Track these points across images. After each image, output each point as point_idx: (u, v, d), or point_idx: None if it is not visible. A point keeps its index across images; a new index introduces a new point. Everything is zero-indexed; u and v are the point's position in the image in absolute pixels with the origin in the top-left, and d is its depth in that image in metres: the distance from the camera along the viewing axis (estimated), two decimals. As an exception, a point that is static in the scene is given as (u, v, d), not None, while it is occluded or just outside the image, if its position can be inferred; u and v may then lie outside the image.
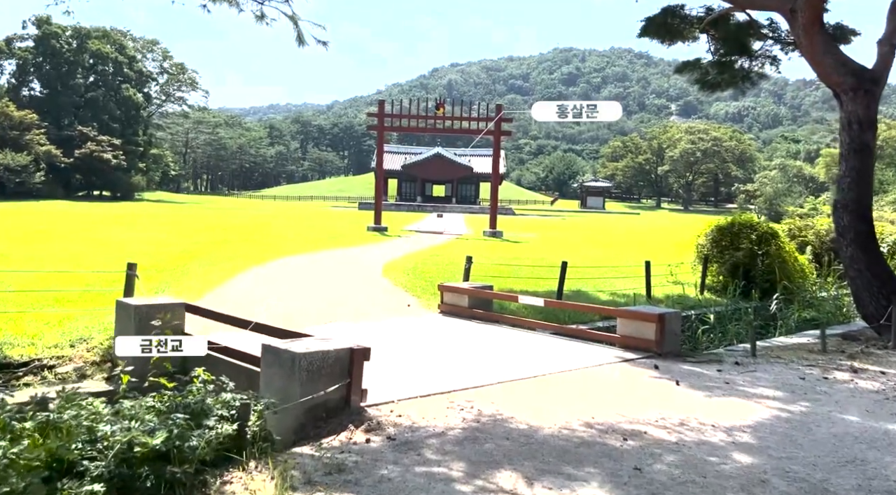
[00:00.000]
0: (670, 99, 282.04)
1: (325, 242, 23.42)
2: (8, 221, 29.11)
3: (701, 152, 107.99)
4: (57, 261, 14.64)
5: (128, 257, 16.47)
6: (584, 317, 10.94)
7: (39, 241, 19.53)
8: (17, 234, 22.12)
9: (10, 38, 66.07)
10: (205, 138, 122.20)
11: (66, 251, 16.90)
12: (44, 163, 58.96)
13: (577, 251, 23.68)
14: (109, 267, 12.03)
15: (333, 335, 8.44)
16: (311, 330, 8.79)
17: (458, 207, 69.81)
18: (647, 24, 16.82)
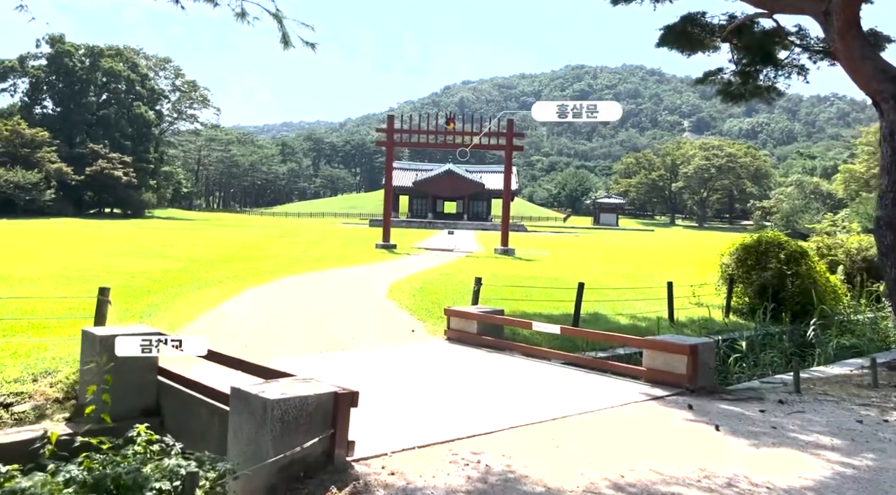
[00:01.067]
0: (683, 115, 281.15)
1: (331, 261, 22.65)
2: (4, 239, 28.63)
3: (715, 168, 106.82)
4: (41, 281, 13.92)
5: (123, 277, 15.83)
6: (604, 344, 10.06)
7: (28, 260, 18.88)
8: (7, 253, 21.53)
9: (24, 57, 66.43)
10: (217, 155, 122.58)
11: (52, 271, 16.20)
12: (55, 180, 58.88)
13: (593, 269, 22.75)
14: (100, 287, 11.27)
15: (323, 369, 7.64)
16: (301, 361, 7.99)
17: (470, 224, 69.09)
18: (666, 34, 16.03)
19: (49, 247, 24.75)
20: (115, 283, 14.53)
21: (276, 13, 6.11)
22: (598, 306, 13.98)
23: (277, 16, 6.14)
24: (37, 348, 8.06)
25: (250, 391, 4.54)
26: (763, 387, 8.03)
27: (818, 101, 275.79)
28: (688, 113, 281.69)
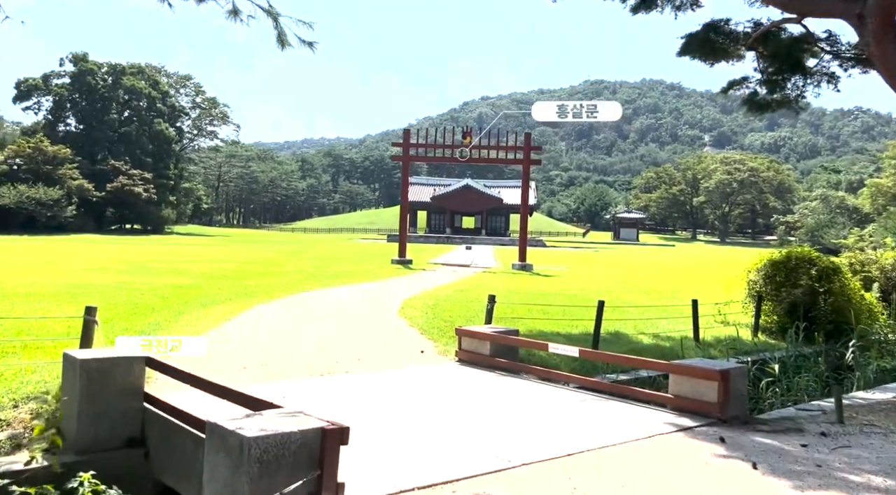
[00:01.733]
0: (703, 129, 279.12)
1: (344, 276, 22.22)
2: (14, 255, 28.62)
3: (737, 183, 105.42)
4: (46, 298, 13.61)
5: (131, 293, 15.51)
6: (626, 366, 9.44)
7: (37, 275, 18.65)
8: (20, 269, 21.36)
9: (48, 75, 67.46)
10: (237, 172, 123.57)
11: (60, 287, 15.92)
12: (76, 197, 59.42)
13: (613, 286, 22.06)
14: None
15: (320, 395, 7.10)
16: (298, 386, 7.47)
17: (488, 239, 68.55)
18: (688, 42, 15.46)
19: (63, 262, 24.62)
20: (121, 300, 14.25)
21: (269, 10, 5.69)
22: (618, 325, 13.36)
23: (271, 13, 5.72)
24: (24, 371, 7.65)
25: (226, 426, 4.04)
26: (800, 416, 7.38)
27: (842, 115, 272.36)
28: (708, 127, 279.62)
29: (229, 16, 5.69)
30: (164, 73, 79.27)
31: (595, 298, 17.30)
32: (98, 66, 68.43)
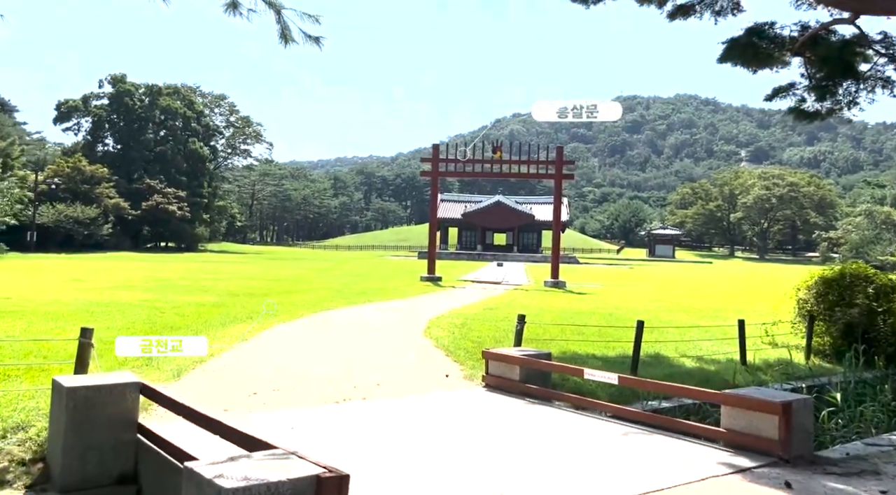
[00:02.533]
0: (740, 145, 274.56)
1: (372, 294, 21.68)
2: (45, 273, 28.75)
3: (776, 198, 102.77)
4: (64, 317, 13.29)
5: (152, 312, 15.16)
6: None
7: (61, 292, 18.47)
8: (44, 285, 21.29)
9: (87, 97, 69.03)
10: (271, 190, 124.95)
11: (81, 304, 15.66)
12: (112, 215, 60.33)
13: (650, 305, 21.12)
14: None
15: (330, 427, 6.40)
16: (307, 416, 6.78)
17: (520, 256, 67.68)
18: (730, 48, 14.66)
19: (91, 280, 24.58)
20: (140, 318, 13.88)
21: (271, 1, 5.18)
22: (658, 346, 12.51)
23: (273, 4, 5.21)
24: (22, 397, 7.18)
25: (204, 473, 3.43)
26: (871, 453, 6.51)
27: (885, 129, 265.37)
28: (745, 142, 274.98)
29: (228, 9, 5.21)
30: (199, 93, 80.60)
31: (632, 317, 16.44)
32: (135, 86, 69.84)
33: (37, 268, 31.04)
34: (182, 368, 8.79)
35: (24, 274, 27.08)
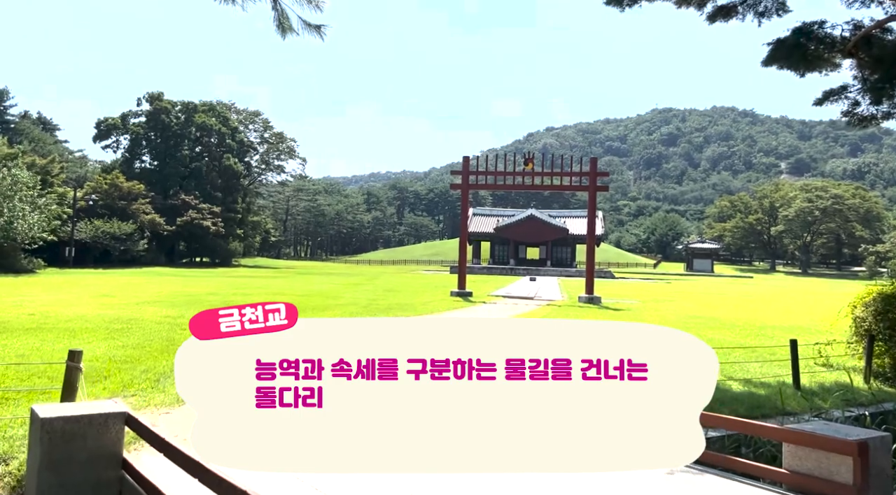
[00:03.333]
0: (780, 157, 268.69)
1: (398, 309, 21.09)
2: (76, 288, 28.84)
3: (819, 211, 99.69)
4: (80, 333, 12.94)
5: (169, 329, 14.76)
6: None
7: (84, 307, 18.26)
8: (70, 300, 21.17)
9: (126, 115, 70.41)
10: (304, 205, 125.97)
11: (100, 321, 15.34)
12: (148, 231, 61.09)
13: (690, 322, 20.10)
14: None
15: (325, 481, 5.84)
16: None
17: (554, 270, 66.60)
18: (776, 49, 13.81)
19: (120, 295, 24.48)
20: (159, 336, 13.45)
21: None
22: (702, 368, 11.61)
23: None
24: (12, 423, 6.70)
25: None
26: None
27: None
28: (785, 154, 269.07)
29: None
30: (234, 110, 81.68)
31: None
32: (172, 104, 71.01)
33: (70, 284, 31.24)
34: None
35: (57, 289, 27.19)
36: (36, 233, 39.82)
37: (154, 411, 7.12)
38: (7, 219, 37.69)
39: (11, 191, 38.15)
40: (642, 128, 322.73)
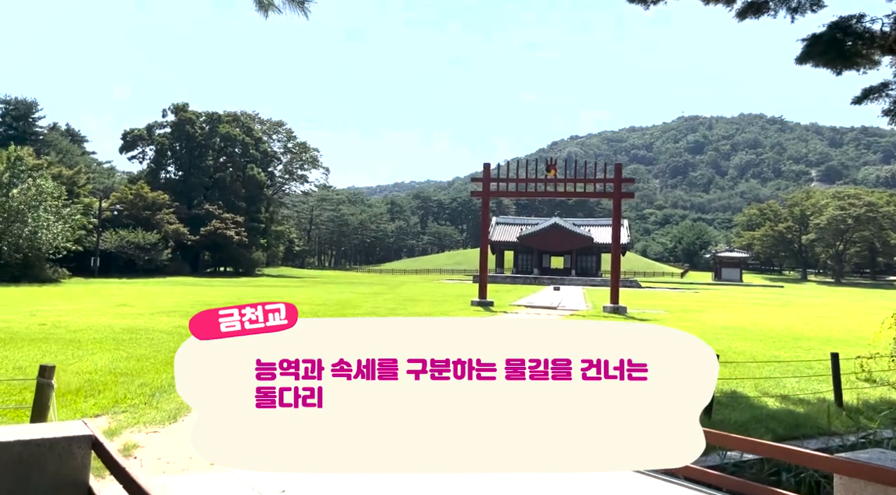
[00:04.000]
0: (810, 164, 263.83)
1: (418, 321, 20.51)
2: (95, 298, 28.78)
3: (853, 219, 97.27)
4: (82, 344, 12.58)
5: (180, 339, 14.39)
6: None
7: (102, 316, 17.99)
8: (87, 309, 20.98)
9: (151, 126, 71.15)
10: (328, 215, 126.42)
11: (107, 331, 15.02)
12: (172, 240, 61.47)
13: (721, 333, 19.24)
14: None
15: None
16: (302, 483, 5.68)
17: (578, 280, 65.65)
18: (811, 45, 13.06)
19: (137, 304, 24.30)
20: (167, 347, 13.05)
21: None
22: (735, 383, 10.90)
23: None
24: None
25: None
26: None
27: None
28: (815, 162, 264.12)
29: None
30: (258, 120, 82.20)
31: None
32: (196, 115, 71.62)
33: (91, 293, 31.25)
34: (185, 406, 7.78)
35: (77, 298, 27.14)
36: (60, 243, 40.08)
37: (142, 429, 6.64)
38: (32, 229, 37.99)
39: (36, 202, 38.47)
40: (668, 137, 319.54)
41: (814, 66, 13.56)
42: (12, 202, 37.32)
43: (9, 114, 65.81)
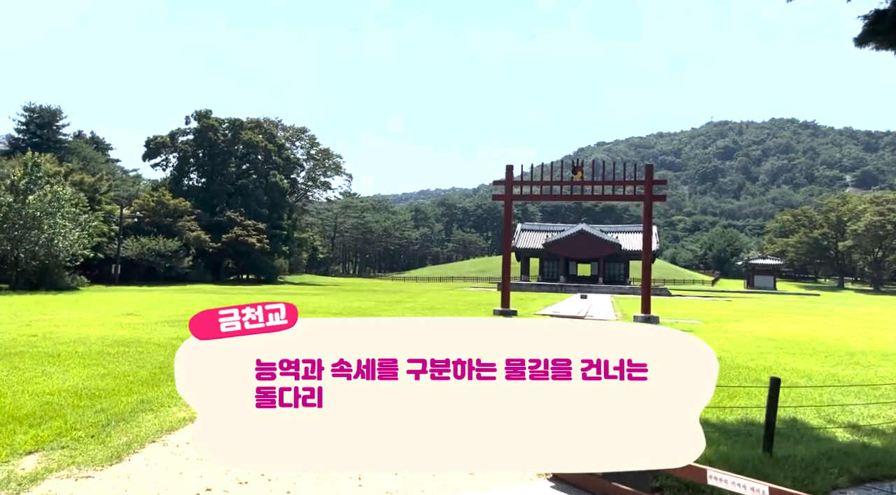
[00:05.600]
0: (844, 169, 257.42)
1: (435, 331, 19.21)
2: (105, 305, 27.95)
3: (892, 225, 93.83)
4: (70, 359, 11.48)
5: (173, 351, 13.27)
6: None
7: (101, 327, 16.99)
8: (90, 319, 20.03)
9: (174, 133, 71.02)
10: (352, 222, 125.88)
11: (101, 343, 13.94)
12: (193, 248, 61.04)
13: (765, 346, 17.59)
14: (128, 369, 8.50)
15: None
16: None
17: (606, 288, 63.78)
18: (873, 23, 11.46)
19: (144, 313, 23.38)
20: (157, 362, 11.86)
21: None
22: (792, 409, 9.39)
23: None
24: None
25: None
26: None
27: None
28: (850, 167, 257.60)
29: None
30: (281, 127, 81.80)
31: (746, 363, 13.20)
32: (219, 122, 71.35)
33: (103, 301, 30.51)
34: (139, 437, 6.56)
35: (85, 307, 26.34)
36: (78, 251, 39.58)
37: (74, 473, 5.41)
38: (48, 236, 37.51)
39: (53, 209, 38.01)
40: (697, 142, 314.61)
41: (876, 48, 11.99)
42: (28, 209, 36.88)
43: (33, 121, 66.08)
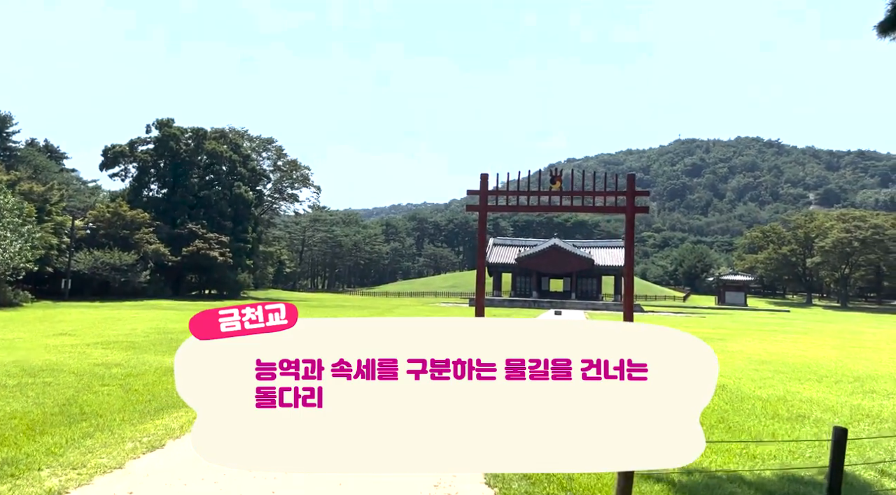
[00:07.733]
0: (808, 188, 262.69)
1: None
2: (37, 324, 25.55)
3: (859, 241, 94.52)
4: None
5: (93, 382, 11.21)
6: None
7: (26, 350, 14.82)
8: (13, 342, 17.78)
9: (134, 142, 68.05)
10: (321, 236, 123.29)
11: (23, 369, 11.86)
12: (152, 261, 58.26)
13: (761, 368, 16.12)
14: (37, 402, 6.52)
15: None
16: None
17: (579, 303, 62.55)
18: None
19: (81, 333, 21.13)
20: (53, 398, 9.68)
21: None
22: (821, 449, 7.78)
23: None
24: None
25: None
26: None
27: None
28: (813, 185, 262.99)
29: None
30: (247, 137, 79.31)
31: (756, 394, 11.59)
32: (181, 131, 68.69)
33: (43, 319, 28.04)
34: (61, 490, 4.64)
35: (19, 326, 23.95)
36: (19, 264, 36.86)
37: None
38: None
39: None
40: (665, 159, 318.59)
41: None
42: (-36, 218, 34.24)
43: (-20, 128, 62.82)
